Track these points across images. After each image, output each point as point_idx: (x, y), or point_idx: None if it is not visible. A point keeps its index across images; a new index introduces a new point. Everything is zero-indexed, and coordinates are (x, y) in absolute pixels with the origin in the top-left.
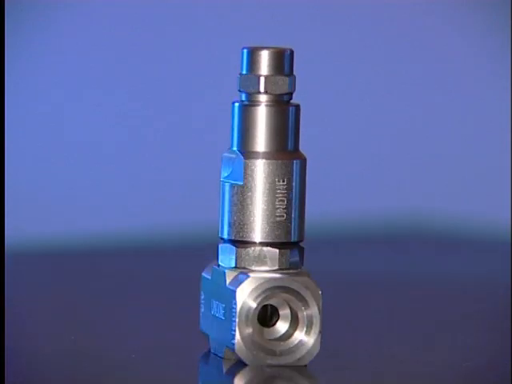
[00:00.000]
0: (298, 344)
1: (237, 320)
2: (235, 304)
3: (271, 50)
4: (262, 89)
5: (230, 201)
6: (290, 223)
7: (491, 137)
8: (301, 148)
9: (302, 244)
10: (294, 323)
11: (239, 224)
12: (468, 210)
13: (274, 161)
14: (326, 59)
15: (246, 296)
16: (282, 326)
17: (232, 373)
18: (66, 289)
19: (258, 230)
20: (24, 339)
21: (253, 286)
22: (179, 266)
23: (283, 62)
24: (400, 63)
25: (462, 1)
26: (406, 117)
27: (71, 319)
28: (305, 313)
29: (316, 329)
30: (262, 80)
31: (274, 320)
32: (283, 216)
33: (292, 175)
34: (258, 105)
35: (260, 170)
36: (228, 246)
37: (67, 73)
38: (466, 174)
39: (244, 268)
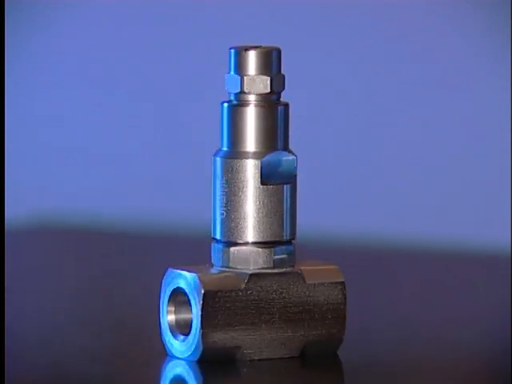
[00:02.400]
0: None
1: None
2: None
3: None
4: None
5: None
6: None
7: (491, 138)
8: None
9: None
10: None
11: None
12: (466, 215)
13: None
14: (325, 59)
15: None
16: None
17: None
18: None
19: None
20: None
21: (166, 278)
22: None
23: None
24: (399, 63)
25: (462, 1)
26: (405, 117)
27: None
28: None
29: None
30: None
31: None
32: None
33: None
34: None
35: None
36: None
37: (67, 73)
38: (464, 176)
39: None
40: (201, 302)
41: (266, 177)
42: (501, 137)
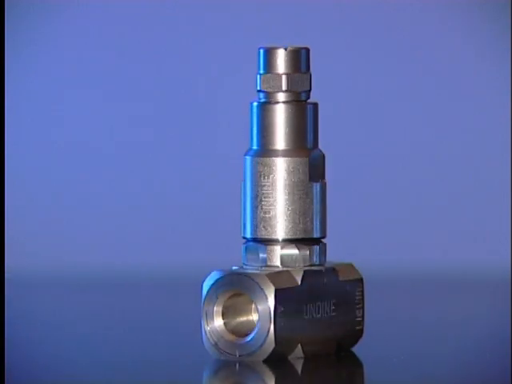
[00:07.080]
0: (253, 339)
1: (202, 314)
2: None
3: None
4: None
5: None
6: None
7: (491, 139)
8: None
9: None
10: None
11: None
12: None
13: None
14: (338, 58)
15: (206, 291)
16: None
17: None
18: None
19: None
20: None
21: (211, 281)
22: (195, 268)
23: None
24: (402, 63)
25: (462, 1)
26: (407, 116)
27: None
28: (259, 307)
29: (267, 325)
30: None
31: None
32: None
33: None
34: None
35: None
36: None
37: (67, 73)
38: (464, 177)
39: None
40: (272, 299)
41: None
42: (501, 139)
